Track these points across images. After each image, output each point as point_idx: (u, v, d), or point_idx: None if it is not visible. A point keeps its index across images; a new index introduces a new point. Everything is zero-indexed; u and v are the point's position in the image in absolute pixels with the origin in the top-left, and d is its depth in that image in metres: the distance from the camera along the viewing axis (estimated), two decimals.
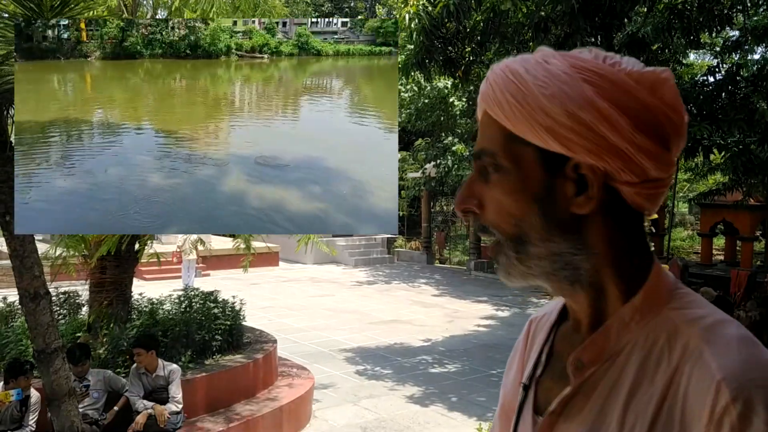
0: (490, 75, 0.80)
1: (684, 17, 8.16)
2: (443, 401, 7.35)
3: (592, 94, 0.73)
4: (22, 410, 4.93)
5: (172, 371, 5.37)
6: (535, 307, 13.46)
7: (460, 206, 0.83)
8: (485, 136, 0.81)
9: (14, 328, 5.94)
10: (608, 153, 0.73)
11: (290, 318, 11.94)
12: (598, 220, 0.77)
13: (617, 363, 0.78)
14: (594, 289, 0.80)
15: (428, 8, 7.71)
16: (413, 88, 17.00)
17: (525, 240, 0.78)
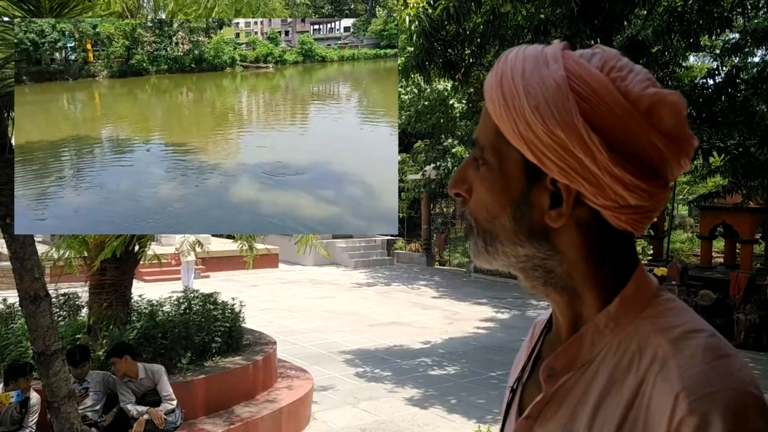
0: (497, 65, 0.78)
1: (684, 20, 8.18)
2: (443, 403, 7.35)
3: (576, 111, 0.70)
4: (22, 412, 4.93)
5: (155, 371, 5.32)
6: (535, 309, 13.47)
7: (452, 188, 0.83)
8: (481, 126, 0.81)
9: (14, 329, 5.94)
10: (581, 177, 0.72)
11: (290, 320, 11.94)
12: (572, 231, 0.76)
13: (590, 371, 0.77)
14: (569, 293, 0.79)
15: (428, 10, 7.72)
16: (413, 91, 17.02)
17: (494, 237, 0.79)
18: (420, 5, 7.77)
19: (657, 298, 0.78)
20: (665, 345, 0.71)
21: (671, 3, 8.59)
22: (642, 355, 0.73)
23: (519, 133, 0.73)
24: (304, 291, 15.55)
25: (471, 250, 0.83)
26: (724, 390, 0.66)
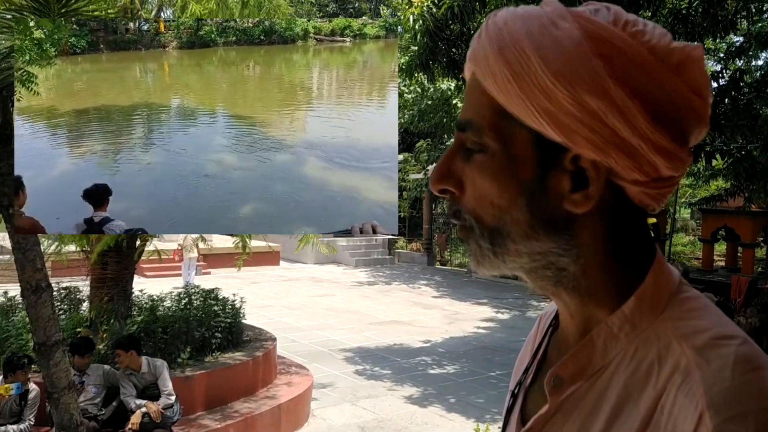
0: (484, 31, 0.66)
1: (688, 22, 8.17)
2: (442, 402, 7.35)
3: (606, 74, 0.60)
4: (22, 404, 4.95)
5: (158, 366, 5.34)
6: (536, 310, 13.47)
7: (436, 185, 0.70)
8: (472, 105, 0.68)
9: (14, 322, 5.95)
10: (617, 149, 0.62)
11: (290, 317, 11.95)
12: (595, 220, 0.66)
13: (602, 380, 0.67)
14: (580, 294, 0.69)
15: (432, 10, 7.73)
16: (416, 90, 17.02)
17: (504, 234, 0.67)
18: (424, 4, 7.78)
19: (679, 296, 0.68)
20: (689, 353, 0.61)
21: (675, 5, 8.59)
22: (662, 364, 0.63)
23: (537, 107, 0.62)
24: (305, 288, 15.56)
25: (472, 256, 0.71)
26: (758, 410, 0.57)
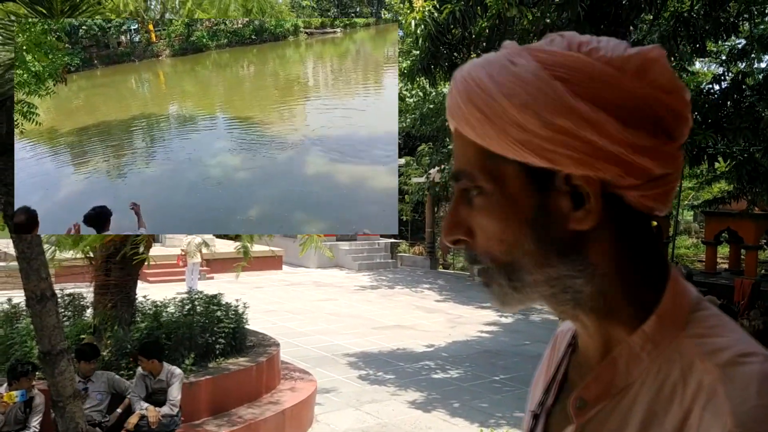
0: (453, 85, 0.70)
1: (690, 25, 8.17)
2: (446, 407, 7.34)
3: (568, 95, 0.63)
4: (26, 411, 4.95)
5: (173, 374, 5.40)
6: (539, 313, 13.46)
7: (447, 237, 0.73)
8: (460, 155, 0.71)
9: (19, 330, 5.96)
10: (599, 160, 0.64)
11: (293, 322, 11.95)
12: (603, 234, 0.67)
13: (626, 400, 0.68)
14: (599, 314, 0.70)
15: (434, 14, 7.74)
16: (418, 94, 17.03)
17: (518, 267, 0.69)
18: (426, 9, 7.79)
19: (698, 313, 0.68)
20: (713, 371, 0.62)
21: (677, 8, 8.59)
22: (686, 382, 0.63)
23: (514, 140, 0.65)
24: (308, 293, 15.55)
25: (496, 298, 0.72)
26: None
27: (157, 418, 5.16)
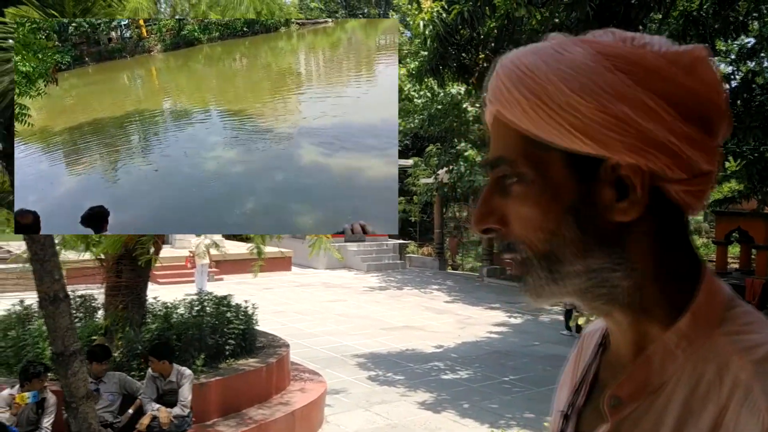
0: (499, 70, 0.69)
1: (699, 24, 8.14)
2: (455, 408, 7.34)
3: (626, 83, 0.63)
4: (39, 412, 4.98)
5: (183, 375, 5.43)
6: (549, 314, 13.42)
7: (479, 225, 0.71)
8: (500, 142, 0.70)
9: (31, 331, 6.00)
10: (653, 149, 0.63)
11: (303, 323, 11.97)
12: (643, 227, 0.67)
13: (661, 398, 0.67)
14: (633, 310, 0.69)
15: (442, 15, 7.75)
16: (426, 94, 17.02)
17: (558, 257, 0.68)
18: (434, 10, 7.80)
19: (733, 311, 0.68)
20: (749, 368, 0.61)
21: (687, 7, 8.56)
22: (722, 380, 0.63)
23: (567, 126, 0.64)
24: (317, 294, 15.58)
25: (531, 289, 0.71)
26: None
27: (168, 419, 5.19)
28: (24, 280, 12.52)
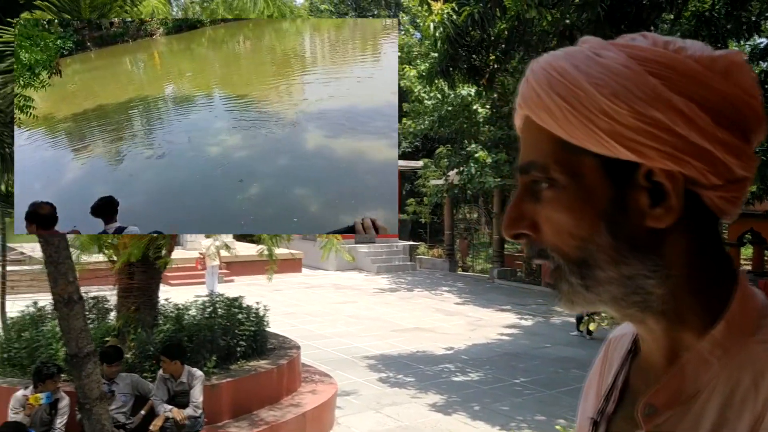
0: (530, 75, 0.68)
1: (711, 24, 8.09)
2: (466, 410, 7.32)
3: (661, 88, 0.61)
4: (52, 413, 5.02)
5: (195, 376, 5.47)
6: (560, 316, 13.37)
7: (509, 230, 0.70)
8: (531, 147, 0.70)
9: (44, 332, 6.05)
10: (688, 156, 0.62)
11: (313, 324, 11.99)
12: (678, 234, 0.65)
13: (695, 407, 0.66)
14: (667, 318, 0.68)
15: (453, 17, 7.75)
16: (437, 96, 17.02)
17: (591, 264, 0.66)
18: (444, 11, 7.79)
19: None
20: None
21: (699, 7, 8.51)
22: (758, 388, 0.62)
23: (600, 131, 0.63)
24: (327, 296, 15.60)
25: (564, 297, 0.70)
26: None
27: (183, 421, 5.22)
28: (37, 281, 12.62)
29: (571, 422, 6.49)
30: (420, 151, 24.13)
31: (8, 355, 6.08)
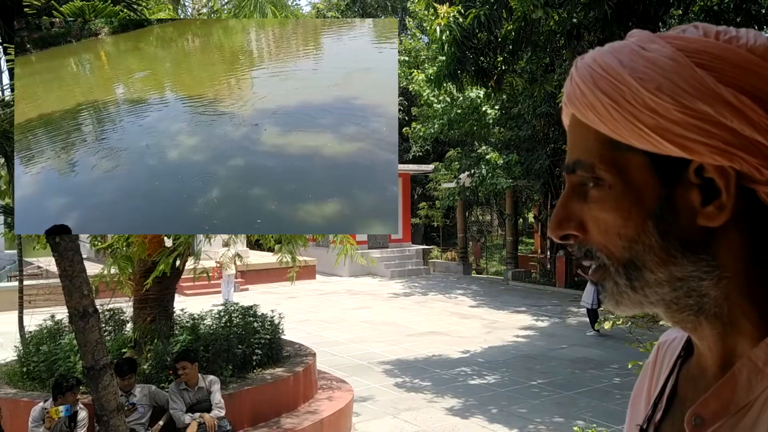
0: (574, 72, 0.67)
1: (720, 19, 8.03)
2: (484, 413, 7.29)
3: (708, 80, 0.59)
4: (71, 426, 5.06)
5: (213, 381, 5.55)
6: (575, 316, 13.29)
7: (557, 231, 0.68)
8: (578, 145, 0.67)
9: (62, 345, 6.10)
10: (742, 150, 0.58)
11: (328, 331, 12.00)
12: (733, 232, 0.62)
13: (747, 418, 0.63)
14: (722, 323, 0.65)
15: (459, 19, 7.75)
16: (445, 99, 17.02)
17: (639, 265, 0.64)
18: (451, 15, 7.80)
19: None
20: None
21: (707, 2, 8.46)
22: None
23: (645, 127, 0.60)
24: (342, 302, 15.61)
25: (610, 297, 0.67)
26: None
27: (215, 424, 5.29)
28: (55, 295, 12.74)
29: (589, 423, 6.44)
30: (430, 155, 24.13)
31: (27, 368, 6.14)
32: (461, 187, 18.76)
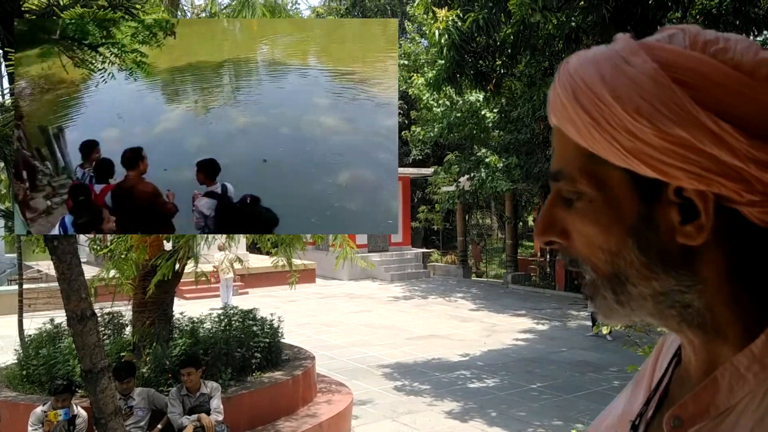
0: (557, 81, 0.65)
1: (719, 22, 8.05)
2: (483, 416, 7.29)
3: (690, 103, 0.56)
4: (70, 429, 5.06)
5: (215, 387, 5.54)
6: (575, 320, 13.29)
7: (541, 237, 0.68)
8: (561, 155, 0.66)
9: (61, 349, 6.10)
10: (720, 175, 0.57)
11: (328, 334, 12.00)
12: (715, 250, 0.61)
13: (725, 423, 0.63)
14: (705, 330, 0.65)
15: (458, 23, 7.77)
16: (445, 103, 17.05)
17: (623, 279, 0.64)
18: (450, 18, 7.82)
19: None
20: None
21: (706, 5, 8.48)
22: None
23: (623, 148, 0.59)
24: (341, 305, 15.61)
25: (600, 311, 0.68)
26: None
27: (213, 426, 5.28)
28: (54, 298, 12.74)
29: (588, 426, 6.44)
30: (430, 158, 24.14)
31: (27, 372, 6.14)
32: (461, 191, 18.77)
